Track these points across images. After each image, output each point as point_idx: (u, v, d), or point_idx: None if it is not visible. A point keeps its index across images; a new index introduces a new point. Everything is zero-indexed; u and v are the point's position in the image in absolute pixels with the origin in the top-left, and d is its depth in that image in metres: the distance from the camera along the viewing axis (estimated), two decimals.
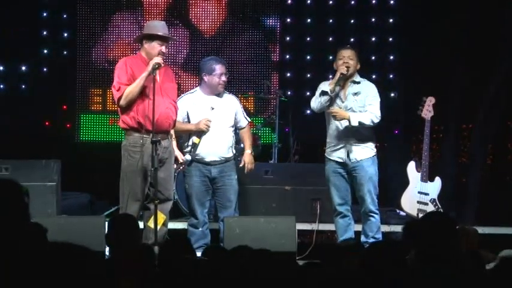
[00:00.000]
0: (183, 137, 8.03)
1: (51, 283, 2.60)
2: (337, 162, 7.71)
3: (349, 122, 7.56)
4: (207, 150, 7.84)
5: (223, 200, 7.92)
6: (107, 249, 5.96)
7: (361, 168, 7.65)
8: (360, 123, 7.55)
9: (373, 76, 9.99)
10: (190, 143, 7.88)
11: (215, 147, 7.85)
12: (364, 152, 7.67)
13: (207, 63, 8.00)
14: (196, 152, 7.84)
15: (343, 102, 7.67)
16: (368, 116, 7.59)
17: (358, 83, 7.72)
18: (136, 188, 7.31)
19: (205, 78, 7.95)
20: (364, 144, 7.67)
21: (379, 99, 7.70)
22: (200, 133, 7.83)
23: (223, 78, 7.91)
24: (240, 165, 8.02)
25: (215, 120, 7.86)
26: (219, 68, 7.91)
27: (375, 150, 7.78)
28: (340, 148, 7.68)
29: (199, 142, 7.83)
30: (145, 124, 7.24)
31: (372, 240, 7.55)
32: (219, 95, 7.98)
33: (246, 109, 8.54)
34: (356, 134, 7.65)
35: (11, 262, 2.86)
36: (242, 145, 8.19)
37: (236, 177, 7.96)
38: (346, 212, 7.72)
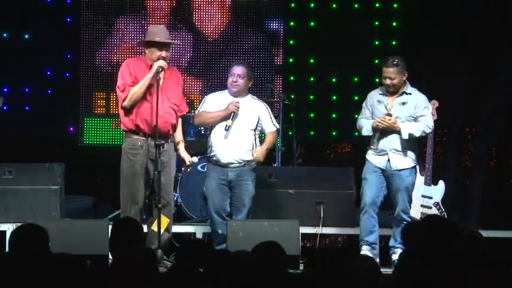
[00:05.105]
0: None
1: None
2: (376, 165, 7.83)
3: (400, 134, 7.64)
4: (224, 151, 7.83)
5: (238, 203, 7.92)
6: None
7: (399, 176, 7.74)
8: (410, 135, 7.64)
9: (376, 80, 9.97)
10: (210, 142, 7.87)
11: (233, 149, 7.84)
12: (405, 162, 7.75)
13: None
14: (214, 153, 7.84)
15: (388, 111, 7.75)
16: (420, 127, 7.68)
17: (409, 94, 7.79)
18: (135, 191, 7.32)
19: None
20: (406, 153, 7.74)
21: (430, 110, 7.77)
22: (232, 116, 7.83)
23: (234, 79, 7.92)
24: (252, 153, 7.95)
25: (236, 121, 7.87)
26: (232, 69, 7.98)
27: (415, 160, 7.82)
28: (382, 155, 7.78)
29: (232, 124, 7.80)
30: (143, 127, 7.26)
31: (399, 245, 7.63)
32: (245, 98, 8.00)
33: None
34: (399, 143, 7.72)
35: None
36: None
37: (253, 181, 7.95)
38: (374, 213, 7.81)
